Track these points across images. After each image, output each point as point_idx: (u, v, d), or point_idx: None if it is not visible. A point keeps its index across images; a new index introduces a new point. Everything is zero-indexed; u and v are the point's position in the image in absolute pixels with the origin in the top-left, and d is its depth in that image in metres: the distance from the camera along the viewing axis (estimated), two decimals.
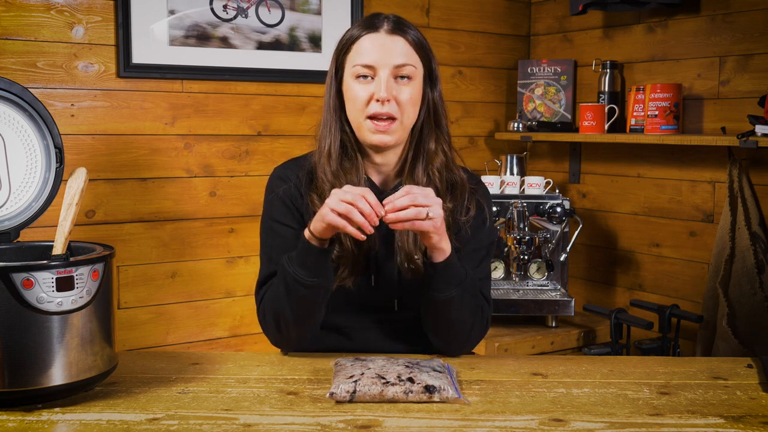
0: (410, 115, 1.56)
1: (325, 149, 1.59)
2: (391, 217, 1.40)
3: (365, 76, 1.54)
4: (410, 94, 1.54)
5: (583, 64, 3.13)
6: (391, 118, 1.53)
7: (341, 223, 1.39)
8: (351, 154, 1.60)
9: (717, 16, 2.67)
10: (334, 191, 1.42)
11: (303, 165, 1.65)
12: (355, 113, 1.56)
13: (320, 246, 1.46)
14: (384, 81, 1.52)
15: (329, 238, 1.47)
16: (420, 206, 1.40)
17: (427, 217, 1.40)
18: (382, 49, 1.52)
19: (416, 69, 1.55)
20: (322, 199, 1.54)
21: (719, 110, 2.68)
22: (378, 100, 1.51)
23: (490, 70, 3.23)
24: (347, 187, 1.43)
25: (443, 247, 1.48)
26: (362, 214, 1.38)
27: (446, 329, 1.57)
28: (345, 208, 1.38)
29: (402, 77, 1.54)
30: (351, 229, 1.39)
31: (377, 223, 1.39)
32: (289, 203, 1.61)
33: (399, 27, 1.55)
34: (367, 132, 1.55)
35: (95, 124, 2.45)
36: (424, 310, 1.58)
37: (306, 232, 1.48)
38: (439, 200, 1.44)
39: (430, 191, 1.44)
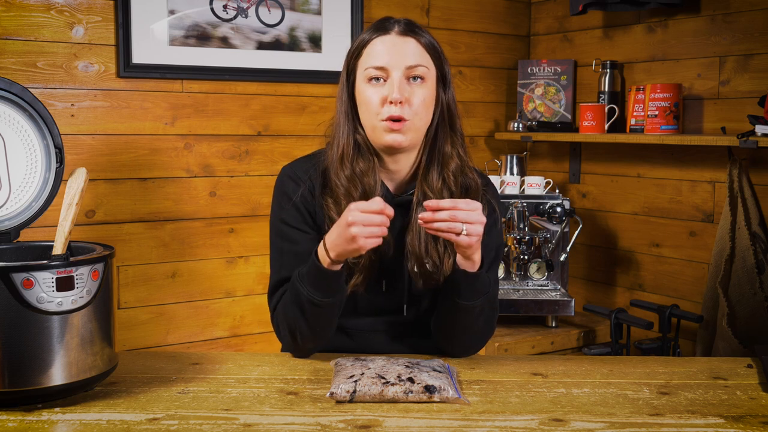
0: (423, 117, 1.54)
1: (338, 153, 1.56)
2: (426, 215, 1.40)
3: (377, 78, 1.51)
4: (423, 96, 1.52)
5: (583, 64, 3.13)
6: (405, 120, 1.51)
7: (376, 243, 1.40)
8: (366, 156, 1.57)
9: (717, 16, 2.67)
10: (353, 218, 1.38)
11: (316, 164, 1.62)
12: (368, 116, 1.53)
13: (334, 269, 1.46)
14: (397, 82, 1.49)
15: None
16: (458, 221, 1.39)
17: (461, 234, 1.40)
18: (394, 50, 1.51)
19: (429, 70, 1.53)
20: (337, 203, 1.54)
21: (719, 110, 2.68)
22: (391, 102, 1.49)
23: (490, 70, 3.23)
24: (357, 212, 1.39)
25: (475, 259, 1.48)
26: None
27: (459, 335, 1.57)
28: (379, 231, 1.39)
29: (415, 78, 1.52)
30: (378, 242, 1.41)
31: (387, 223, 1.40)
32: (301, 207, 1.59)
33: (410, 29, 1.54)
34: (381, 133, 1.52)
35: (95, 124, 2.45)
36: (441, 313, 1.58)
37: (320, 253, 1.46)
38: (483, 219, 1.42)
39: (477, 207, 1.41)
